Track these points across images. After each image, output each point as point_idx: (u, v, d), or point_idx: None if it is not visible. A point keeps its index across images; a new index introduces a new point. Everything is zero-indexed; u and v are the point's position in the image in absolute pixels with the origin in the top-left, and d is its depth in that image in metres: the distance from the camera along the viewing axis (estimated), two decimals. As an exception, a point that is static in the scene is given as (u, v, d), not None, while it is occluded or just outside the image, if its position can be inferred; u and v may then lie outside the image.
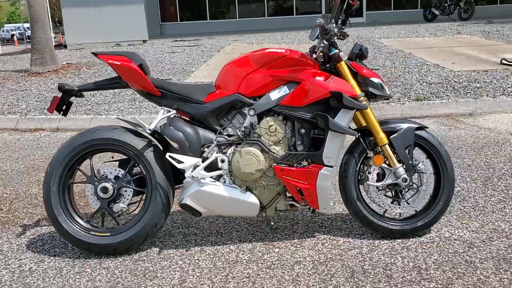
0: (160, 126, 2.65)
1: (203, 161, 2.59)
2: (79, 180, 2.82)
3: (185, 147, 2.59)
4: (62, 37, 19.33)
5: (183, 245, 2.77)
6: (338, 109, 2.57)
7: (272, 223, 2.94)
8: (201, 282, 2.36)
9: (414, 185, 2.68)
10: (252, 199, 2.61)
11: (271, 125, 2.59)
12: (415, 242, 2.67)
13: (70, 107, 2.83)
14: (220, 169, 2.61)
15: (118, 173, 2.69)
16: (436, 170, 2.72)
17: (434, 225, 2.82)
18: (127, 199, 2.68)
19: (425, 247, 2.60)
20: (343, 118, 2.55)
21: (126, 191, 2.68)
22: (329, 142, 2.55)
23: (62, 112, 2.80)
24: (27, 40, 23.69)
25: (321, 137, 2.60)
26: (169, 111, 2.69)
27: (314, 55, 2.71)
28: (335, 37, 2.62)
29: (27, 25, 21.50)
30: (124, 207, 2.66)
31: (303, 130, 2.60)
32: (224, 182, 2.62)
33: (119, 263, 2.59)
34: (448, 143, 4.58)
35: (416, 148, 2.73)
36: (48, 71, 8.96)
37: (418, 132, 2.68)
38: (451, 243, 2.63)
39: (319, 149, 2.58)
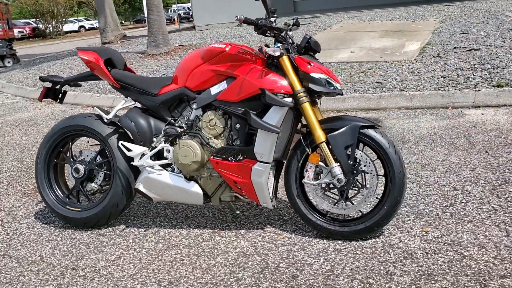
0: (121, 116, 2.91)
1: (151, 150, 2.79)
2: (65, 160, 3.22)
3: (136, 136, 2.82)
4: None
5: (147, 225, 3.03)
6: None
7: (238, 212, 3.02)
8: (130, 261, 2.60)
9: (355, 186, 2.56)
10: (196, 188, 2.75)
11: (211, 119, 2.68)
12: (353, 246, 2.56)
13: (65, 95, 3.23)
14: (167, 158, 2.78)
15: (93, 156, 3.03)
16: (386, 173, 2.55)
17: (388, 230, 2.66)
18: (100, 180, 3.01)
19: (357, 252, 2.48)
20: (274, 115, 2.52)
21: (98, 172, 3.01)
22: (259, 138, 2.56)
23: (58, 100, 3.22)
24: (191, 19, 25.67)
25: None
26: (131, 102, 2.93)
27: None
28: (273, 32, 2.58)
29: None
30: (96, 187, 2.99)
31: (238, 125, 2.63)
32: (173, 171, 2.80)
33: (85, 236, 2.95)
34: (502, 137, 4.08)
35: (366, 147, 2.59)
36: (160, 53, 9.80)
37: (364, 130, 2.53)
38: (390, 251, 2.47)
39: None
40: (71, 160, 3.05)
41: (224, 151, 2.64)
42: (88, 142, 3.25)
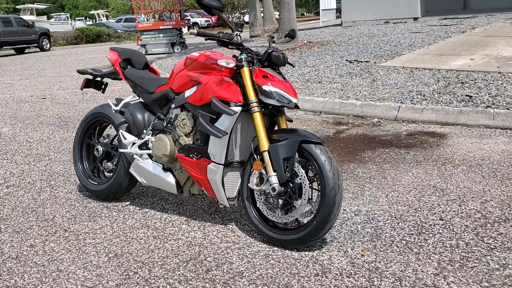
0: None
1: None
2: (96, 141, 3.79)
3: (132, 127, 3.26)
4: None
5: (146, 205, 3.47)
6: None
7: (221, 205, 3.27)
8: (105, 232, 3.06)
9: (289, 197, 2.63)
10: (171, 178, 3.09)
11: (183, 119, 2.98)
12: (283, 254, 2.64)
13: (106, 86, 3.83)
14: (150, 149, 3.17)
15: (111, 140, 3.57)
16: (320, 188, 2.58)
17: (329, 246, 2.68)
18: (115, 161, 3.55)
19: (280, 261, 2.57)
20: (224, 121, 2.72)
21: (114, 154, 3.55)
22: (211, 140, 2.78)
23: (101, 90, 3.83)
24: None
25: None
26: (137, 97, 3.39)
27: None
28: (233, 45, 2.75)
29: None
30: (111, 166, 3.54)
31: (199, 127, 2.89)
32: (156, 161, 3.18)
33: (96, 205, 3.52)
34: (560, 172, 3.58)
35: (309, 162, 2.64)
36: (286, 49, 10.18)
37: (306, 145, 2.59)
38: (310, 265, 2.50)
39: (212, 145, 2.83)
40: (96, 141, 3.64)
41: (186, 148, 2.93)
42: (110, 127, 3.78)
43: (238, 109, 2.68)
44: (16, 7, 46.71)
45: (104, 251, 2.81)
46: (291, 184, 2.63)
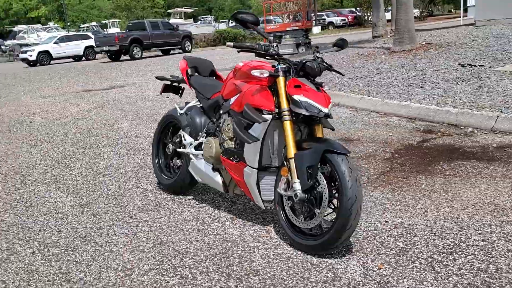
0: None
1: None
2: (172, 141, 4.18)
3: (190, 129, 3.57)
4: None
5: (205, 200, 3.78)
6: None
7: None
8: (161, 222, 3.42)
9: (312, 204, 2.70)
10: (218, 178, 3.35)
11: (228, 124, 3.20)
12: (304, 258, 2.72)
13: (183, 91, 4.21)
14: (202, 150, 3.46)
15: (179, 140, 3.94)
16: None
17: (351, 255, 2.72)
18: (183, 158, 3.91)
19: (298, 265, 2.66)
20: (257, 127, 2.88)
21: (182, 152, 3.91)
22: (245, 145, 2.96)
23: (179, 94, 4.23)
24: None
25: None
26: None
27: None
28: (274, 56, 2.87)
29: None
30: (179, 163, 3.91)
31: (233, 132, 3.07)
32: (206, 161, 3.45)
33: (164, 197, 3.91)
34: None
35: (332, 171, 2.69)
36: (402, 50, 9.86)
37: (329, 155, 2.65)
38: (324, 272, 2.56)
39: (250, 150, 3.01)
40: (168, 140, 4.04)
41: (227, 152, 3.14)
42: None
43: (268, 117, 2.82)
44: (168, 11, 51.17)
45: (153, 239, 3.16)
46: (314, 192, 2.70)
